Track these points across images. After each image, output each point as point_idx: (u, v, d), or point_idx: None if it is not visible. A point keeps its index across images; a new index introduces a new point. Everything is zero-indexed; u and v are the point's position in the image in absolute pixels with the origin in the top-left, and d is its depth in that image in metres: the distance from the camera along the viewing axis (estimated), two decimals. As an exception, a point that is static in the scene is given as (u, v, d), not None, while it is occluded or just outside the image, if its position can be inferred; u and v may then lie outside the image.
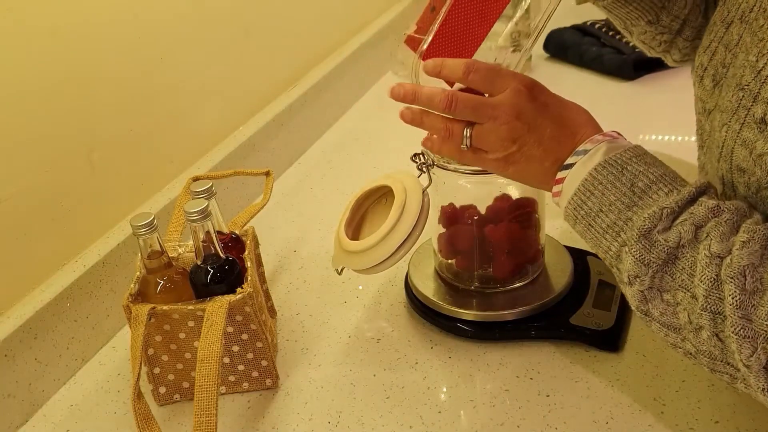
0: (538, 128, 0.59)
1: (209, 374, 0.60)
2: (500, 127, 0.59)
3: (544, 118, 0.60)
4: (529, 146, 0.60)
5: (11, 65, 0.71)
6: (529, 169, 0.61)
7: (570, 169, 0.58)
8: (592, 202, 0.56)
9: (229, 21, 1.03)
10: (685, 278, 0.50)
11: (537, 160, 0.60)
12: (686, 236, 0.50)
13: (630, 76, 1.27)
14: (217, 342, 0.61)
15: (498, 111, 0.60)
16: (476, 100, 0.61)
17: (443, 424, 0.65)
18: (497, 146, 0.60)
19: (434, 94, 0.62)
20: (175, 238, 0.75)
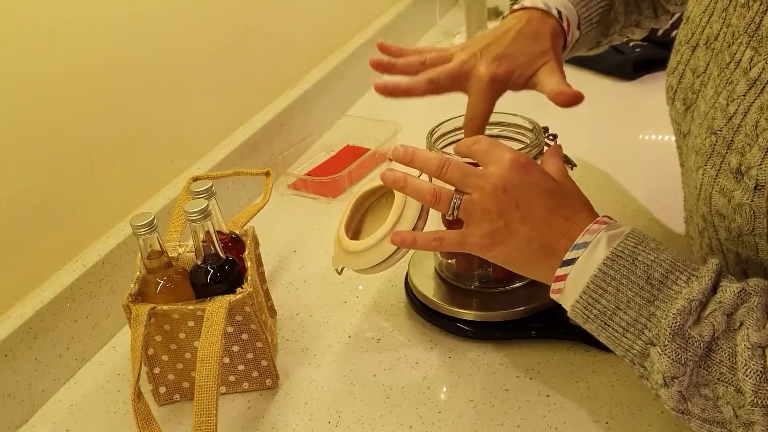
0: (527, 205, 0.56)
1: (209, 374, 0.60)
2: (486, 199, 0.57)
3: (533, 196, 0.57)
4: (516, 223, 0.56)
5: (11, 65, 0.71)
6: (516, 250, 0.57)
7: (572, 265, 0.54)
8: (606, 300, 0.52)
9: (229, 21, 1.03)
10: (725, 371, 0.47)
11: (524, 239, 0.56)
12: (719, 327, 0.48)
13: (630, 76, 1.27)
14: (217, 342, 0.61)
15: (485, 181, 0.57)
16: (466, 167, 0.59)
17: (443, 424, 0.65)
18: (482, 218, 0.57)
19: (430, 157, 0.60)
20: (175, 238, 0.75)
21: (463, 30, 1.43)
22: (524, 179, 0.57)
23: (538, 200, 0.57)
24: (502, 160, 0.58)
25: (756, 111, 0.50)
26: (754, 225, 0.51)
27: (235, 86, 1.06)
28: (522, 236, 0.56)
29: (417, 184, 0.61)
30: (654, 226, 0.88)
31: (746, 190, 0.50)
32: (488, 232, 0.57)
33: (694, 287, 0.49)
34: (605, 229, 0.54)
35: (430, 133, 0.73)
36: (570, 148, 0.74)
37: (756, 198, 0.50)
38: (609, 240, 0.53)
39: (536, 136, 0.70)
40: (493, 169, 0.58)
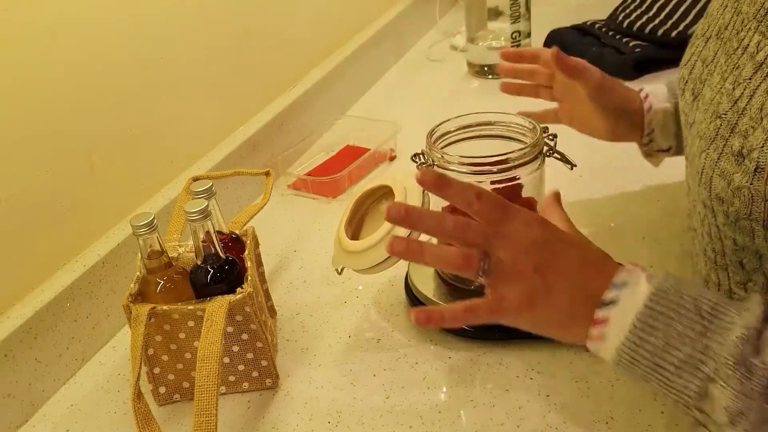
0: (563, 257, 0.52)
1: (209, 374, 0.60)
2: (518, 256, 0.52)
3: (567, 247, 0.53)
4: (554, 277, 0.52)
5: (11, 65, 0.71)
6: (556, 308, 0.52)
7: (614, 306, 0.50)
8: (655, 338, 0.48)
9: (229, 21, 1.03)
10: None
11: (565, 294, 0.51)
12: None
13: (630, 76, 1.27)
14: (217, 342, 0.61)
15: (512, 238, 0.52)
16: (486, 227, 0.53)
17: (443, 424, 0.65)
18: (516, 278, 0.52)
19: (443, 216, 0.54)
20: (175, 238, 0.75)
21: (463, 30, 1.43)
22: (553, 234, 0.54)
23: (573, 251, 0.53)
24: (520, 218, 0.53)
25: (762, 94, 0.50)
26: (751, 209, 0.51)
27: (235, 86, 1.06)
28: (562, 291, 0.52)
29: (437, 251, 0.55)
30: (654, 226, 0.88)
31: (746, 173, 0.50)
32: (525, 292, 0.52)
33: (748, 316, 0.47)
34: (641, 269, 0.51)
35: (429, 133, 0.73)
36: (570, 148, 0.74)
37: (755, 181, 0.50)
38: (648, 278, 0.50)
39: (536, 136, 0.70)
40: (515, 226, 0.53)
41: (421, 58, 1.54)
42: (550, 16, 1.51)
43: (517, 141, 0.74)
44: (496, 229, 0.52)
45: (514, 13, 1.31)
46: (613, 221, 0.89)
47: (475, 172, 0.69)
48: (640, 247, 0.84)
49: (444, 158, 0.70)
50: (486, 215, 0.53)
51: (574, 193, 0.96)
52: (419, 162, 0.72)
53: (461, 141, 0.75)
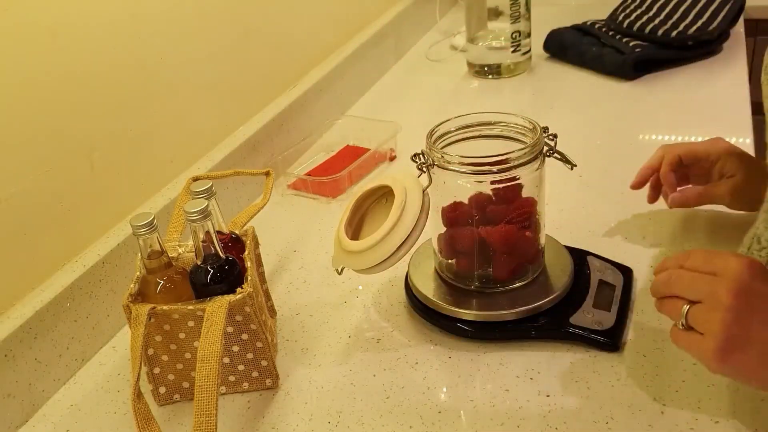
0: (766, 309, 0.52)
1: (209, 374, 0.60)
2: (720, 303, 0.53)
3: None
4: (756, 327, 0.52)
5: (11, 65, 0.71)
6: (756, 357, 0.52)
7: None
8: None
9: (229, 21, 1.03)
10: None
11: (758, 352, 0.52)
12: None
13: (630, 76, 1.27)
14: (217, 342, 0.61)
15: (718, 286, 0.53)
16: (695, 275, 0.56)
17: (443, 424, 0.65)
18: (715, 325, 0.53)
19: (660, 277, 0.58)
20: (175, 238, 0.75)
21: (463, 30, 1.43)
22: (763, 284, 0.53)
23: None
24: (734, 264, 0.54)
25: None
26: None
27: (235, 86, 1.06)
28: (764, 343, 0.52)
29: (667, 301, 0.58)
30: (654, 227, 0.88)
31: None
32: (723, 338, 0.52)
33: None
34: None
35: (429, 133, 0.73)
36: (570, 148, 0.74)
37: None
38: None
39: (536, 136, 0.70)
40: (725, 273, 0.54)
41: (421, 58, 1.54)
42: (550, 16, 1.51)
43: (517, 141, 0.74)
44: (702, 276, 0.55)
45: (514, 13, 1.31)
46: (613, 221, 0.90)
47: (475, 172, 0.69)
48: (641, 247, 0.84)
49: (444, 158, 0.70)
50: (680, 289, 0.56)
51: (574, 193, 0.96)
52: (419, 162, 0.72)
53: (461, 141, 0.75)
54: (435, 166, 0.71)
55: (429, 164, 0.71)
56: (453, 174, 0.70)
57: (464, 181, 0.72)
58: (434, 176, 0.72)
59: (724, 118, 1.11)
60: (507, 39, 1.34)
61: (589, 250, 0.81)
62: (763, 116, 0.65)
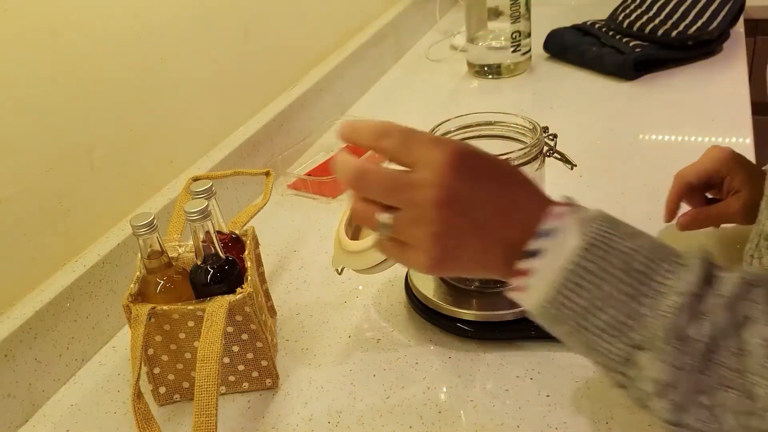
0: (475, 210, 0.47)
1: (209, 374, 0.60)
2: (425, 215, 0.47)
3: (480, 196, 0.47)
4: (467, 236, 0.47)
5: (11, 65, 0.71)
6: (470, 262, 0.48)
7: (539, 258, 0.46)
8: (582, 298, 0.44)
9: (229, 21, 1.03)
10: (728, 375, 0.42)
11: (480, 251, 0.48)
12: (721, 325, 0.42)
13: (630, 76, 1.27)
14: (217, 342, 0.61)
15: (420, 194, 0.46)
16: (390, 178, 0.48)
17: (443, 424, 0.65)
18: (426, 241, 0.47)
19: (344, 164, 0.49)
20: (175, 238, 0.75)
21: (463, 30, 1.43)
22: (466, 179, 0.47)
23: (487, 198, 0.47)
24: (435, 162, 0.46)
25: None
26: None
27: (235, 86, 1.06)
28: (477, 249, 0.48)
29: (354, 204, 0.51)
30: (654, 227, 0.88)
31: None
32: (432, 251, 0.48)
33: (684, 278, 0.43)
34: (570, 213, 0.46)
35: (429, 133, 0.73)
36: (570, 148, 0.74)
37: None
38: (579, 224, 0.45)
39: (536, 136, 0.70)
40: (424, 175, 0.47)
41: (421, 58, 1.54)
42: (550, 16, 1.51)
43: (517, 141, 0.74)
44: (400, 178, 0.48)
45: (514, 13, 1.31)
46: (613, 221, 0.89)
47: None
48: (640, 247, 0.84)
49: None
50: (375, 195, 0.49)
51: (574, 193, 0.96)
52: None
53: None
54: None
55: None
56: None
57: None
58: (434, 176, 0.71)
59: (724, 118, 1.11)
60: (507, 39, 1.34)
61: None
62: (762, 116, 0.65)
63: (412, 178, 0.47)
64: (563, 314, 0.46)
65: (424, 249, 0.48)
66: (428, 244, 0.47)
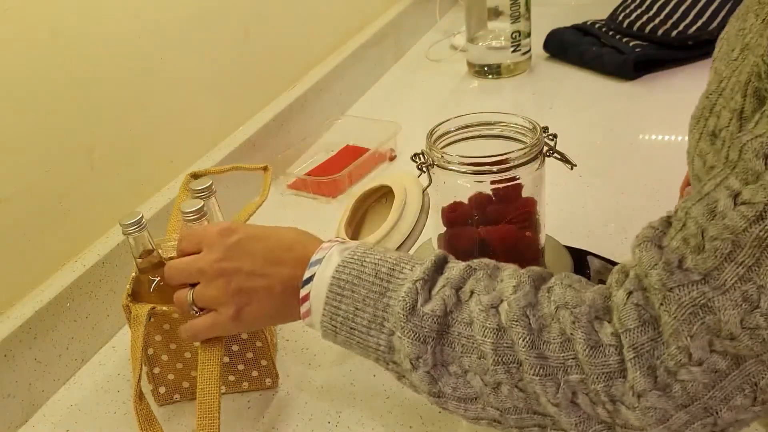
0: (249, 260, 0.57)
1: (211, 376, 0.60)
2: (212, 278, 0.58)
3: (249, 248, 0.58)
4: (249, 280, 0.57)
5: (11, 65, 0.71)
6: (266, 306, 0.58)
7: (311, 283, 0.55)
8: (345, 305, 0.53)
9: (229, 21, 1.03)
10: (464, 341, 0.49)
11: (265, 291, 0.57)
12: (450, 300, 0.50)
13: (630, 76, 1.27)
14: (218, 343, 0.61)
15: (201, 262, 0.58)
16: (180, 262, 0.60)
17: (443, 424, 0.65)
18: (218, 297, 0.58)
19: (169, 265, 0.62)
20: (175, 237, 0.75)
21: (463, 30, 1.43)
22: (232, 240, 0.58)
23: (257, 248, 0.58)
24: (207, 235, 0.59)
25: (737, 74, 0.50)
26: None
27: (235, 86, 1.06)
28: (263, 289, 0.57)
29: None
30: (654, 226, 0.87)
31: (716, 152, 0.51)
32: (230, 305, 0.57)
33: (417, 271, 0.52)
34: (337, 245, 0.56)
35: (429, 133, 0.73)
36: (570, 148, 0.74)
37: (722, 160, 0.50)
38: (341, 252, 0.55)
39: (536, 136, 0.70)
40: (204, 247, 0.59)
41: (421, 58, 1.54)
42: (550, 16, 1.51)
43: (517, 141, 0.74)
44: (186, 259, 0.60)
45: (514, 13, 1.31)
46: (614, 221, 0.90)
47: (475, 172, 0.69)
48: (640, 247, 0.84)
49: (444, 158, 0.70)
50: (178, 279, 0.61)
51: (574, 193, 0.96)
52: (419, 162, 0.71)
53: (461, 141, 0.75)
54: (435, 166, 0.71)
55: (429, 164, 0.71)
56: (453, 174, 0.70)
57: (464, 181, 0.72)
58: (434, 176, 0.71)
59: (724, 118, 1.10)
60: (507, 39, 1.34)
61: (589, 250, 0.81)
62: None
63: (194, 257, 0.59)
64: (337, 323, 0.54)
65: (222, 303, 0.58)
66: (223, 297, 0.57)
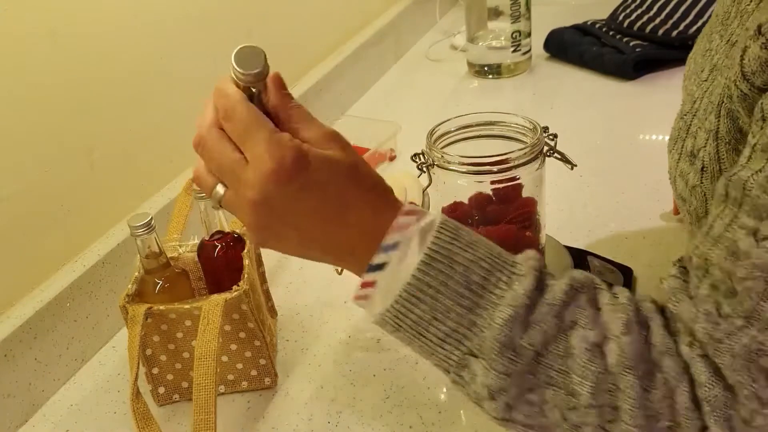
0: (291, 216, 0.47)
1: (207, 372, 0.60)
2: (244, 207, 0.48)
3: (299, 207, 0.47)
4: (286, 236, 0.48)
5: (11, 65, 0.71)
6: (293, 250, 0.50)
7: (381, 271, 0.47)
8: (421, 310, 0.46)
9: (230, 21, 1.03)
10: (555, 375, 0.44)
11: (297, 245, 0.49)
12: (551, 331, 0.45)
13: (630, 76, 1.27)
14: (214, 340, 0.61)
15: (241, 188, 0.47)
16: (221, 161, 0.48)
17: (443, 424, 0.65)
18: (245, 217, 0.49)
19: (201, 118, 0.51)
20: (176, 238, 0.75)
21: (463, 30, 1.43)
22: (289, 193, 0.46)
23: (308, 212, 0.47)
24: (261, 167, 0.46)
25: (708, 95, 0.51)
26: (706, 207, 0.52)
27: (235, 86, 1.06)
28: (294, 243, 0.49)
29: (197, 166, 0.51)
30: (654, 226, 0.88)
31: (696, 172, 0.51)
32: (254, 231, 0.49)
33: (517, 290, 0.45)
34: (416, 221, 0.47)
35: (429, 133, 0.73)
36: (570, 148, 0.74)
37: (704, 180, 0.51)
38: (421, 236, 0.46)
39: (536, 136, 0.70)
40: (249, 175, 0.46)
41: (421, 58, 1.54)
42: (551, 16, 1.51)
43: (517, 141, 0.74)
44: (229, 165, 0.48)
45: (515, 13, 1.31)
46: (614, 221, 0.89)
47: (475, 172, 0.69)
48: (641, 247, 0.84)
49: (444, 158, 0.70)
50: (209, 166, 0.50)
51: (574, 193, 0.96)
52: (419, 162, 0.71)
53: (461, 141, 0.75)
54: (435, 166, 0.71)
55: (429, 164, 0.71)
56: (453, 174, 0.70)
57: (464, 181, 0.72)
58: (434, 176, 0.71)
59: (725, 118, 1.10)
60: (507, 39, 1.34)
61: (589, 250, 0.81)
62: None
63: (237, 171, 0.47)
64: (404, 323, 0.47)
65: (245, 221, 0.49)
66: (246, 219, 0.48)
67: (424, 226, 0.47)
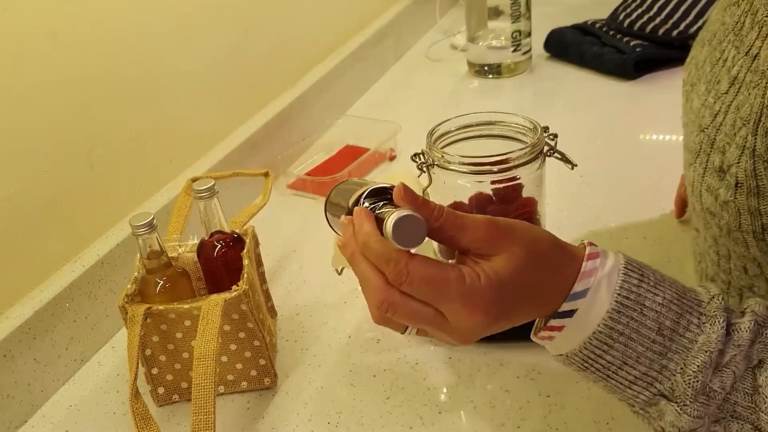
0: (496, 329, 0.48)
1: (206, 372, 0.60)
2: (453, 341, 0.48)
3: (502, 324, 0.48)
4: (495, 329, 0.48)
5: (11, 65, 0.70)
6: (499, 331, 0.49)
7: (570, 318, 0.47)
8: (611, 356, 0.46)
9: (229, 21, 1.03)
10: (741, 410, 0.45)
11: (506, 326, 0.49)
12: (739, 372, 0.45)
13: (630, 76, 1.27)
14: (213, 340, 0.61)
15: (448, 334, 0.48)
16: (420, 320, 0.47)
17: (443, 424, 0.65)
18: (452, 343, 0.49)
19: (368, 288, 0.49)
20: (175, 238, 0.75)
21: (463, 30, 1.43)
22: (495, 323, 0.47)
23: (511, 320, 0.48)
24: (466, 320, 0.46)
25: (734, 110, 0.51)
26: (740, 221, 0.52)
27: (235, 86, 1.06)
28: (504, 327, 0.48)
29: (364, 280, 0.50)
30: (654, 226, 0.87)
31: (729, 187, 0.51)
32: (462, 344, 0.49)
33: (710, 335, 0.45)
34: (600, 266, 0.47)
35: (429, 133, 0.73)
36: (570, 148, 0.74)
37: (738, 195, 0.50)
38: (608, 280, 0.46)
39: (537, 136, 0.70)
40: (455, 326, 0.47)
41: (421, 58, 1.54)
42: (551, 16, 1.51)
43: (517, 141, 0.73)
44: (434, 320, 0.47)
45: (515, 13, 1.31)
46: (614, 221, 0.89)
47: (475, 172, 0.69)
48: (642, 247, 0.84)
49: (444, 158, 0.70)
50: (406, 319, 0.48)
51: (574, 193, 0.96)
52: (419, 162, 0.71)
53: (461, 141, 0.75)
54: (435, 166, 0.71)
55: (429, 164, 0.71)
56: (453, 174, 0.70)
57: (464, 181, 0.72)
58: (434, 176, 0.71)
59: (725, 118, 1.10)
60: (507, 38, 1.34)
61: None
62: None
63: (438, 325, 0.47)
64: (593, 367, 0.47)
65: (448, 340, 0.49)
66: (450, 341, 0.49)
67: (609, 268, 0.47)
